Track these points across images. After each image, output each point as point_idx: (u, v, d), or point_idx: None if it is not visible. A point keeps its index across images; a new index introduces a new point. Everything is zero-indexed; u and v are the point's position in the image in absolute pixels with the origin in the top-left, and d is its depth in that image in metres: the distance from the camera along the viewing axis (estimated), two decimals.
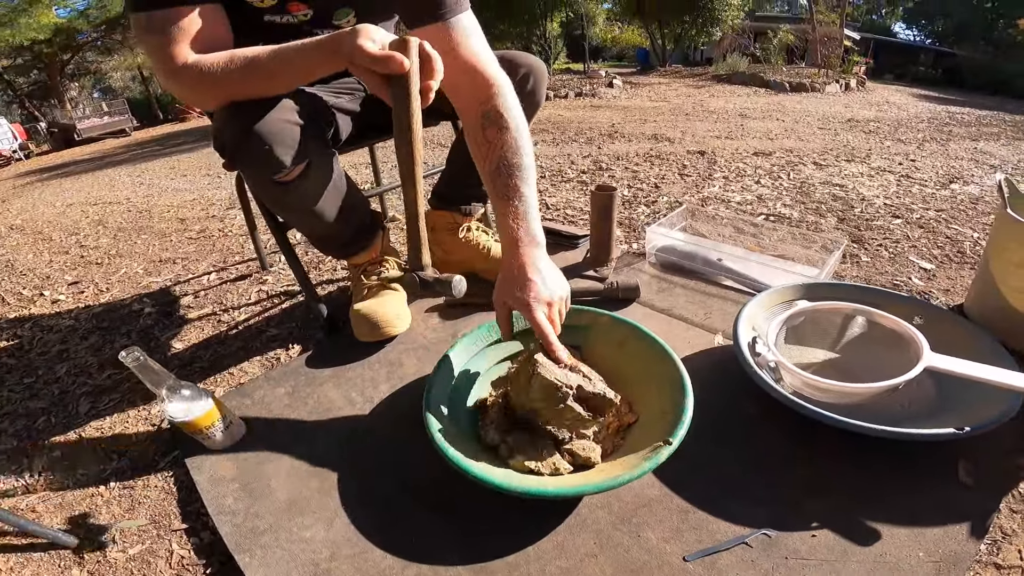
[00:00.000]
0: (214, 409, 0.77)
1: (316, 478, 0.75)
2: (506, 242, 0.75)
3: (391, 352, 1.04)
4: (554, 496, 0.62)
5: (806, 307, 0.88)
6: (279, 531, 0.69)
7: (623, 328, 0.84)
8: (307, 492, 0.73)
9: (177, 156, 4.55)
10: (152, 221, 2.32)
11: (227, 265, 1.67)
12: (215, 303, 1.41)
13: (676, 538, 0.63)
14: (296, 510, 0.71)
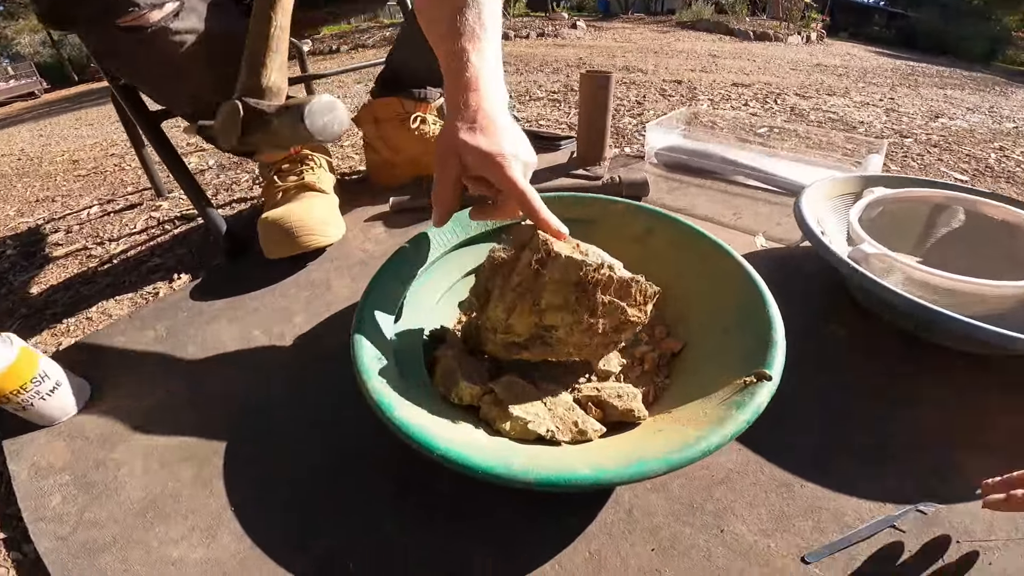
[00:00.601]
0: (20, 364, 0.49)
1: (191, 463, 0.48)
2: (454, 83, 0.48)
3: (315, 271, 0.75)
4: (592, 484, 0.34)
5: (886, 195, 0.65)
6: (129, 547, 0.42)
7: (645, 216, 0.58)
8: (176, 485, 0.47)
9: (86, 109, 4.03)
10: (40, 166, 1.97)
11: (115, 197, 1.37)
12: (90, 236, 1.12)
13: (782, 528, 0.40)
14: (157, 514, 0.44)
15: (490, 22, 0.49)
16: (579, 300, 0.41)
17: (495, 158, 0.43)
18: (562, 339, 0.43)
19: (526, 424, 0.41)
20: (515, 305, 0.43)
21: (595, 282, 0.41)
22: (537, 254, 0.41)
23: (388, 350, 0.47)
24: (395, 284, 0.53)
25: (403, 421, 0.38)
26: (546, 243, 0.42)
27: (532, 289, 0.42)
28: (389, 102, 0.93)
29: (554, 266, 0.41)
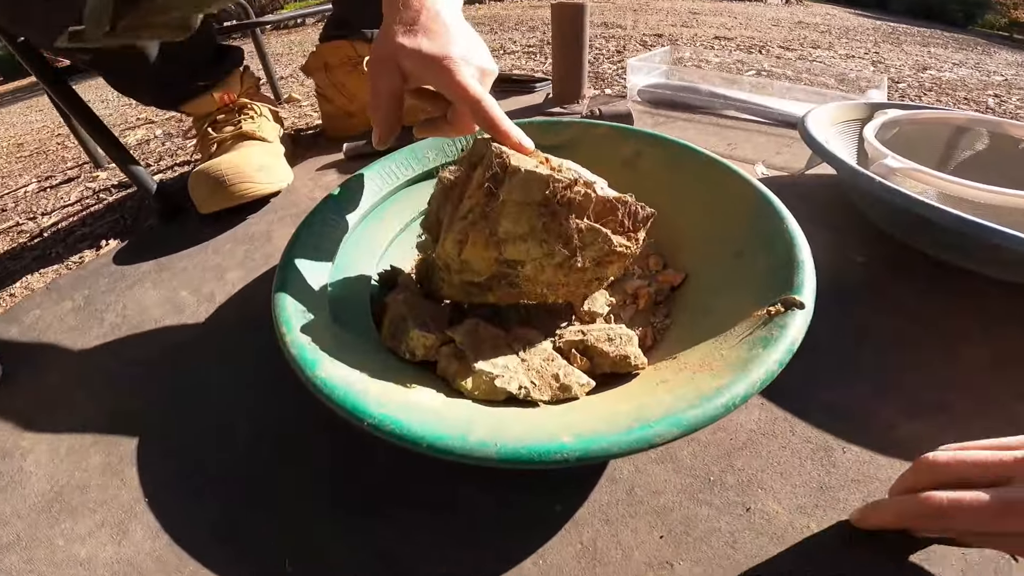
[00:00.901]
0: None
1: (101, 449, 0.41)
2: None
3: (255, 224, 0.65)
4: (579, 458, 0.25)
5: (901, 116, 0.57)
6: (33, 546, 0.35)
7: (632, 137, 0.50)
8: (83, 475, 0.40)
9: (38, 97, 3.77)
10: None
11: (54, 173, 1.28)
12: (23, 212, 1.03)
13: (824, 504, 0.31)
14: (64, 508, 0.38)
15: None
16: (547, 227, 0.32)
17: (441, 61, 0.35)
18: (531, 277, 0.35)
19: (493, 380, 0.33)
20: (466, 236, 0.33)
21: (567, 202, 0.32)
22: (491, 171, 0.32)
23: (322, 300, 0.39)
24: (333, 225, 0.44)
25: (326, 380, 0.29)
26: (501, 156, 0.33)
27: (486, 215, 0.33)
28: (339, 45, 0.82)
29: (512, 184, 0.32)
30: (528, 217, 0.32)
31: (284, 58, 2.54)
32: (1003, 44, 3.99)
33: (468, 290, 0.37)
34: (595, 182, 0.34)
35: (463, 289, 0.37)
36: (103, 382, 0.47)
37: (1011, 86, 1.59)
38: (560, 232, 0.32)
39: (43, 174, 1.28)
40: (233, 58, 0.75)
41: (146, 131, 1.46)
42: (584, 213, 0.33)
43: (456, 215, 0.34)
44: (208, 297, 0.55)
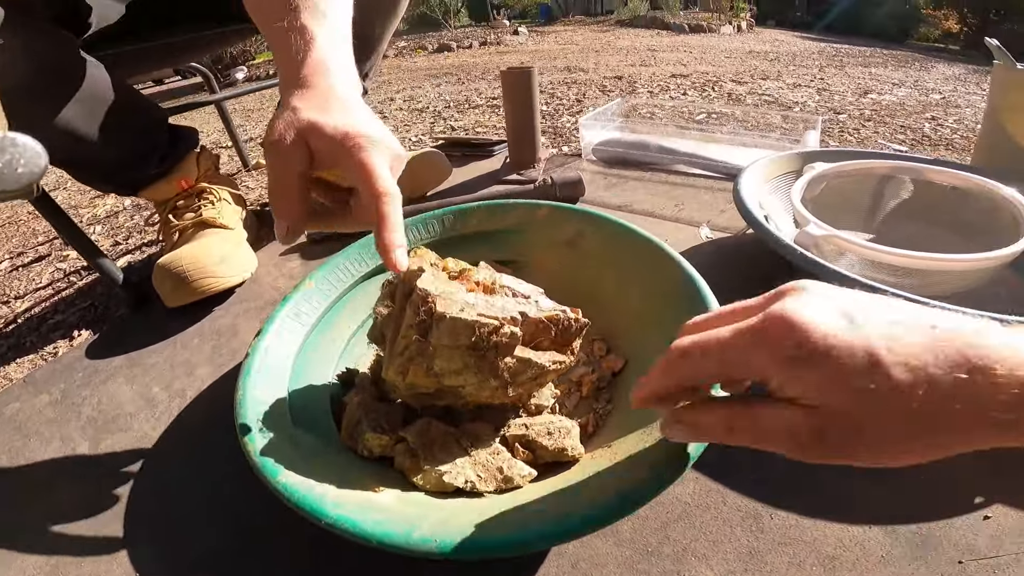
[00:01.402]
0: None
1: (91, 527, 0.44)
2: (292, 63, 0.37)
3: (221, 318, 0.67)
4: (511, 549, 0.28)
5: (828, 170, 0.61)
6: None
7: (573, 218, 0.53)
8: (76, 551, 0.43)
9: None
10: None
11: (26, 249, 1.27)
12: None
13: (752, 568, 0.34)
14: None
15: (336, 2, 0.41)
16: (479, 364, 0.34)
17: (356, 140, 0.32)
18: (474, 395, 0.37)
19: (441, 476, 0.35)
20: (406, 369, 0.35)
21: (494, 345, 0.33)
22: (419, 316, 0.33)
23: (282, 405, 0.40)
24: (291, 328, 0.46)
25: (286, 485, 0.32)
26: (427, 302, 0.33)
27: (422, 352, 0.34)
28: None
29: (440, 331, 0.33)
30: (460, 356, 0.34)
31: (255, 114, 2.59)
32: (939, 57, 4.21)
33: (419, 398, 0.39)
34: (529, 296, 0.36)
35: (414, 397, 0.39)
36: (85, 471, 0.50)
37: (948, 104, 1.68)
38: (491, 368, 0.34)
39: (14, 250, 1.28)
40: (187, 141, 0.76)
41: (115, 201, 1.47)
42: (511, 351, 0.34)
43: (394, 350, 0.35)
44: (179, 393, 0.56)
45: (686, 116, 1.32)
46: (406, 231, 0.54)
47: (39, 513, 0.46)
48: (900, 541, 0.34)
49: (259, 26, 0.41)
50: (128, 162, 0.69)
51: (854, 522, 0.35)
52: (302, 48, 0.36)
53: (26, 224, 1.49)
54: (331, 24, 0.39)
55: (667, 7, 7.13)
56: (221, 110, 1.24)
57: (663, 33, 5.56)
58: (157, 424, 0.53)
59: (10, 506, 0.47)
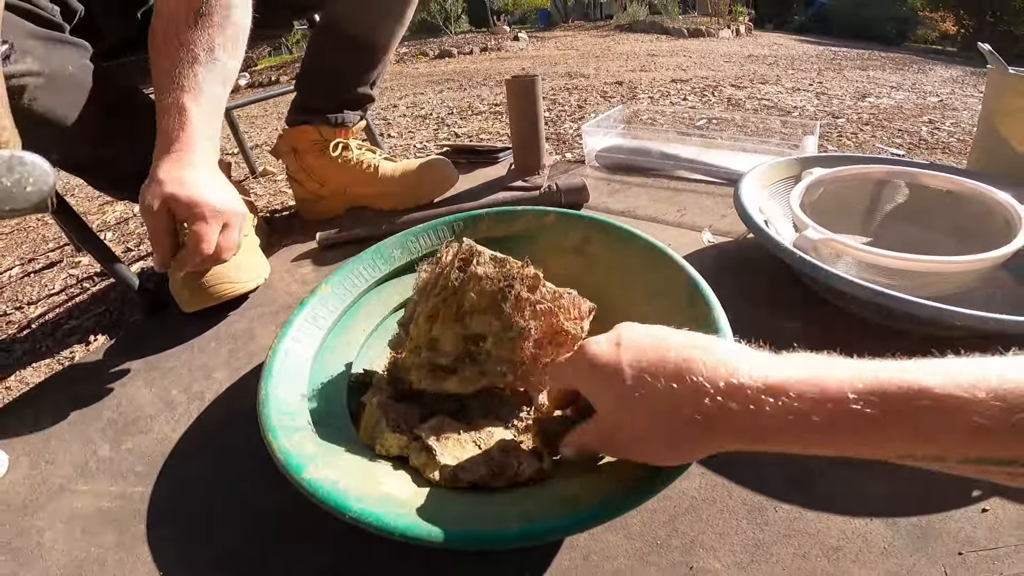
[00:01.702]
0: None
1: (113, 528, 0.46)
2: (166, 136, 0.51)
3: (237, 322, 0.68)
4: (521, 540, 0.30)
5: (825, 175, 0.63)
6: None
7: (580, 224, 0.54)
8: (99, 551, 0.44)
9: None
10: None
11: (37, 255, 1.30)
12: (10, 301, 1.05)
13: (758, 559, 0.35)
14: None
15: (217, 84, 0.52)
16: (505, 299, 0.39)
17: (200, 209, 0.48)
18: (492, 354, 0.40)
19: (456, 472, 0.37)
20: (438, 311, 0.40)
21: (522, 277, 0.39)
22: (461, 255, 0.40)
23: (302, 403, 0.42)
24: (309, 330, 0.48)
25: (311, 481, 0.33)
26: (470, 247, 0.41)
27: (455, 292, 0.40)
28: (305, 130, 0.87)
29: (479, 261, 0.39)
30: (490, 291, 0.39)
31: (259, 120, 2.62)
32: (937, 59, 4.23)
33: (435, 375, 0.41)
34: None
35: (431, 374, 0.41)
36: (107, 470, 0.51)
37: (945, 107, 1.70)
38: (517, 305, 0.38)
39: (25, 256, 1.30)
40: None
41: (124, 207, 1.49)
42: (535, 290, 0.39)
43: (430, 295, 0.41)
44: (198, 395, 0.58)
45: (687, 122, 1.34)
46: (417, 238, 0.56)
47: (61, 514, 0.47)
48: (901, 533, 0.36)
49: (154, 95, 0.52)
50: (142, 169, 0.70)
51: (856, 515, 0.37)
52: (177, 126, 0.49)
53: (36, 231, 1.51)
54: (207, 103, 0.51)
55: (666, 12, 7.18)
56: (228, 118, 1.26)
57: (662, 38, 5.60)
58: (177, 426, 0.55)
59: (32, 508, 0.49)
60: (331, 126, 0.86)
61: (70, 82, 0.58)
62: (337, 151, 0.87)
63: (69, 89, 0.58)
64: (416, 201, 0.89)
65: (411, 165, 0.88)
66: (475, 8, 8.69)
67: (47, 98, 0.56)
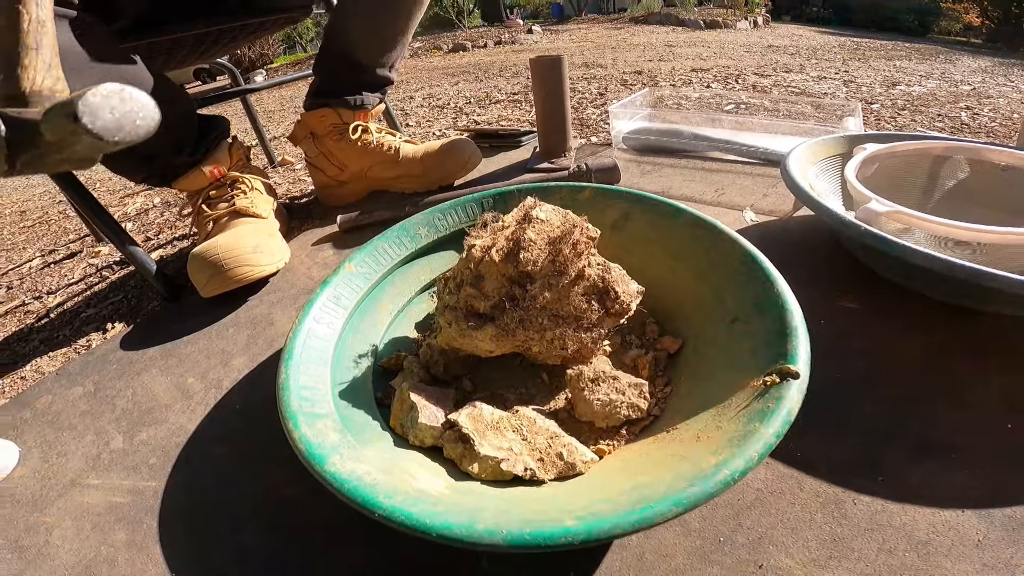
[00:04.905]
0: None
1: (124, 525, 0.43)
2: None
3: (256, 307, 0.66)
4: (584, 541, 0.25)
5: (880, 150, 0.58)
6: None
7: (618, 200, 0.51)
8: (109, 550, 0.41)
9: None
10: None
11: (57, 247, 1.29)
12: (29, 291, 1.05)
13: (838, 556, 0.32)
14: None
15: None
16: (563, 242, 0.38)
17: None
18: (536, 298, 0.37)
19: (499, 463, 0.33)
20: (494, 241, 0.39)
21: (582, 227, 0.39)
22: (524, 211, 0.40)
23: (325, 389, 0.39)
24: (332, 312, 0.45)
25: (335, 475, 0.30)
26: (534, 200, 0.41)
27: (516, 230, 0.39)
28: (323, 114, 0.85)
29: (544, 207, 0.40)
30: (550, 233, 0.38)
31: (276, 115, 2.61)
32: (963, 50, 4.11)
33: (467, 324, 0.38)
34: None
35: (464, 322, 0.38)
36: (120, 464, 0.49)
37: (980, 95, 1.63)
38: (575, 249, 0.37)
39: (46, 247, 1.30)
40: (218, 129, 0.76)
41: (144, 199, 1.49)
42: (587, 251, 0.38)
43: (494, 227, 0.40)
44: (215, 383, 0.55)
45: (713, 106, 1.29)
46: (445, 216, 0.53)
47: (71, 511, 0.45)
48: (996, 525, 0.32)
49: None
50: (160, 151, 0.68)
51: (943, 507, 0.33)
52: None
53: (57, 223, 1.52)
54: None
55: (681, 3, 7.09)
56: (247, 105, 1.25)
57: (678, 29, 5.52)
58: (193, 416, 0.52)
59: (42, 504, 0.46)
60: (350, 108, 0.84)
61: (83, 59, 0.56)
62: (357, 134, 0.84)
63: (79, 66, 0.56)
64: (439, 183, 0.86)
65: (433, 146, 0.85)
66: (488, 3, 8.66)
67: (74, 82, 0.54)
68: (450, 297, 0.40)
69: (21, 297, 1.01)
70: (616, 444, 0.36)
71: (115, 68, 0.59)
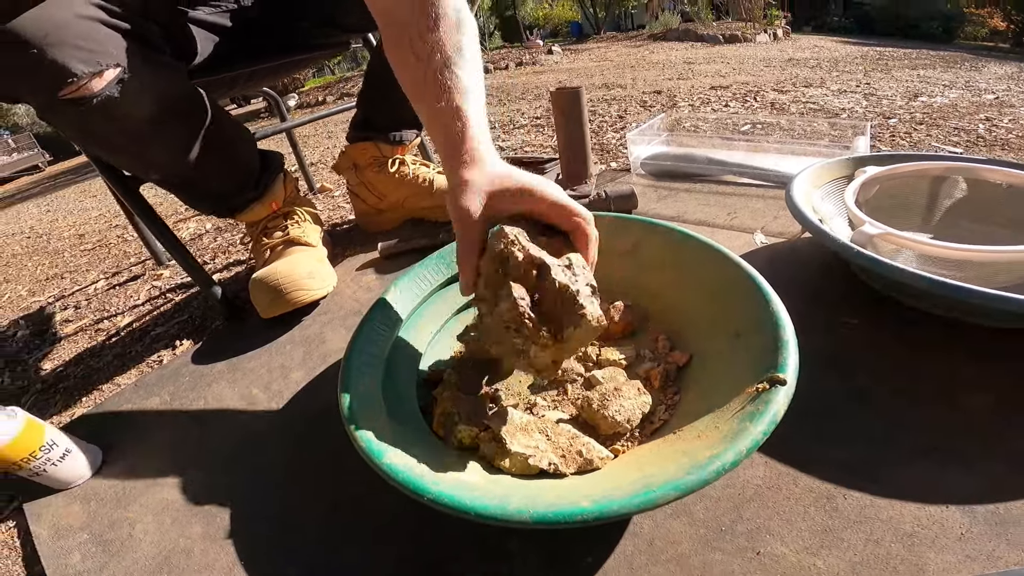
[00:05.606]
0: (26, 434, 0.52)
1: (200, 519, 0.49)
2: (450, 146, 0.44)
3: (309, 327, 0.73)
4: (596, 518, 0.31)
5: (880, 172, 0.63)
6: None
7: (632, 227, 0.57)
8: (186, 542, 0.47)
9: (90, 181, 4.14)
10: (49, 242, 2.02)
11: (120, 269, 1.41)
12: (97, 311, 1.15)
13: (828, 544, 0.36)
14: (172, 570, 0.45)
15: (475, 79, 0.47)
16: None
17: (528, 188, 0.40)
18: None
19: (526, 459, 0.39)
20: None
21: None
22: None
23: (377, 398, 0.46)
24: (381, 331, 0.51)
25: (392, 466, 0.36)
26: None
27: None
28: (365, 147, 0.93)
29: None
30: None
31: (311, 140, 2.75)
32: (989, 56, 4.02)
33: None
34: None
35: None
36: (195, 464, 0.55)
37: (1002, 105, 1.63)
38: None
39: (109, 270, 1.41)
40: (275, 165, 0.84)
41: (197, 224, 1.60)
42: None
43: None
44: (277, 394, 0.62)
45: (730, 128, 1.34)
46: None
47: (152, 506, 0.51)
48: (979, 520, 0.36)
49: (417, 103, 0.48)
50: (233, 189, 0.77)
51: (929, 502, 0.37)
52: (459, 129, 0.43)
53: (116, 247, 1.64)
54: (476, 101, 0.46)
55: (699, 19, 7.13)
56: (290, 136, 1.35)
57: (697, 45, 5.55)
58: (259, 422, 0.59)
59: (125, 501, 0.52)
60: (390, 144, 0.92)
61: (174, 104, 0.64)
62: (395, 167, 0.92)
63: (172, 111, 0.64)
64: None
65: None
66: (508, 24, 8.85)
67: (153, 121, 0.62)
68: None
69: (90, 316, 1.11)
70: (630, 445, 0.41)
71: None
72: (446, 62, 0.45)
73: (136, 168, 0.73)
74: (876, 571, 0.34)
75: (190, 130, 0.67)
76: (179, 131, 0.66)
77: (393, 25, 0.48)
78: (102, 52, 0.55)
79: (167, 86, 0.63)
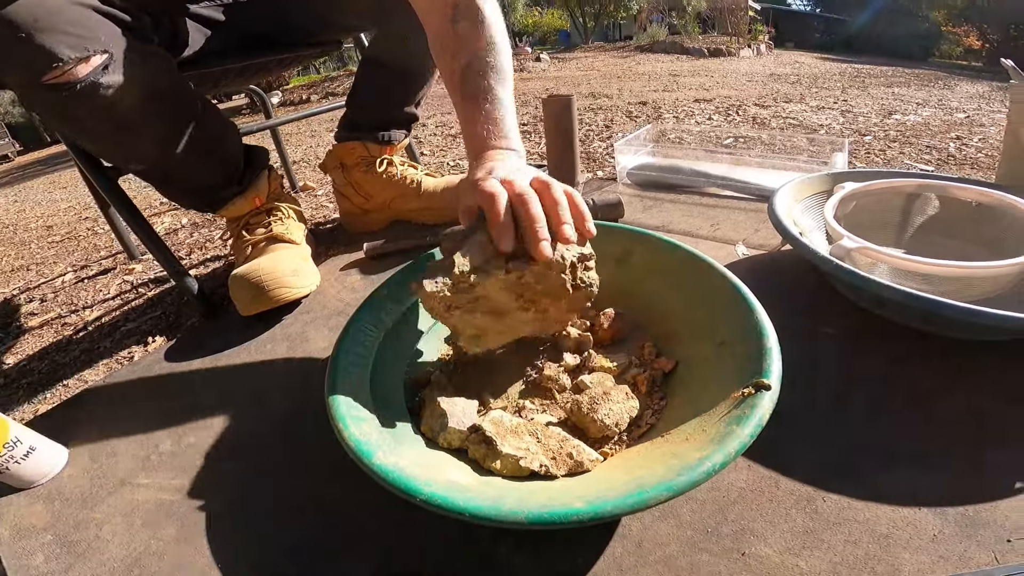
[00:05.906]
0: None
1: (173, 521, 0.47)
2: (475, 149, 0.52)
3: (291, 325, 0.72)
4: (590, 518, 0.31)
5: (857, 189, 0.65)
6: None
7: (621, 237, 0.57)
8: (158, 544, 0.45)
9: (60, 172, 4.02)
10: (16, 233, 1.95)
11: (89, 263, 1.36)
12: (65, 305, 1.11)
13: (810, 545, 0.37)
14: (143, 572, 0.43)
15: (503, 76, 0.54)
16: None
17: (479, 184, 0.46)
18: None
19: (518, 461, 0.39)
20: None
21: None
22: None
23: (366, 398, 0.45)
24: (368, 331, 0.51)
25: (381, 467, 0.36)
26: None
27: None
28: (353, 147, 0.92)
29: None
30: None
31: (294, 138, 2.72)
32: (962, 75, 4.19)
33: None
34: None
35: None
36: (167, 464, 0.53)
37: (972, 124, 1.70)
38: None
39: (77, 263, 1.37)
40: (260, 160, 0.83)
41: (172, 219, 1.56)
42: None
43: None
44: (257, 393, 0.61)
45: (714, 140, 1.37)
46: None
47: (121, 508, 0.49)
48: (950, 521, 0.37)
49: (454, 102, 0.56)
50: (216, 183, 0.76)
51: (904, 505, 0.39)
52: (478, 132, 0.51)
53: (86, 240, 1.59)
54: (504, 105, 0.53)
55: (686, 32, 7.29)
56: (274, 134, 1.33)
57: (683, 58, 5.67)
58: (238, 422, 0.57)
59: (92, 501, 0.50)
60: (378, 144, 0.91)
61: (161, 94, 0.63)
62: (382, 167, 0.92)
63: (158, 101, 0.63)
64: (448, 216, 0.93)
65: (452, 180, 0.93)
66: None
67: (139, 110, 0.61)
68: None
69: (56, 310, 1.07)
70: (618, 448, 0.42)
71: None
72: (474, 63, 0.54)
73: (118, 158, 0.71)
74: (855, 571, 0.35)
75: (176, 121, 0.66)
76: (164, 122, 0.65)
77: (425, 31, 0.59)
78: (91, 38, 0.54)
79: (155, 76, 0.62)
